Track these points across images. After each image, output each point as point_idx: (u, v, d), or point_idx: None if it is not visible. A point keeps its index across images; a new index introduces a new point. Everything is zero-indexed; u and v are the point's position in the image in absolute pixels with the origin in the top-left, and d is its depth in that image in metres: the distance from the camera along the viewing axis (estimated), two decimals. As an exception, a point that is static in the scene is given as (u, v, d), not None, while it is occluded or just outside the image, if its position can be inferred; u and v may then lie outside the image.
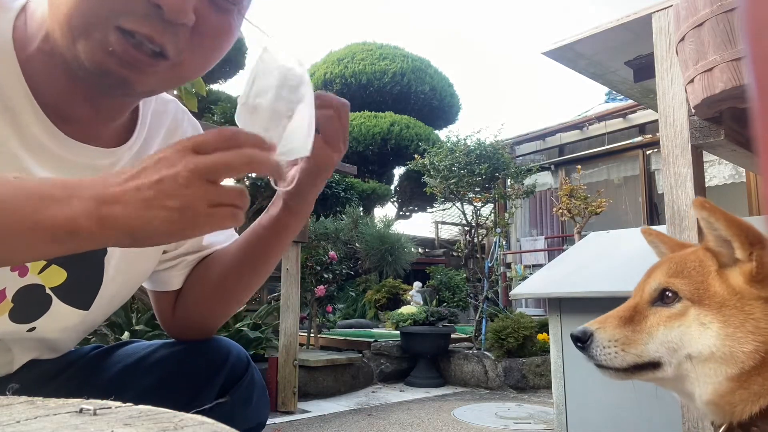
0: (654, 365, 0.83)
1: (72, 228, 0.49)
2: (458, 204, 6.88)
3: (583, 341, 0.87)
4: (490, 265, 6.52)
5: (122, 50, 0.60)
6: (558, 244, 8.46)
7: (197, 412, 0.39)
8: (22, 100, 0.63)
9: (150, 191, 0.51)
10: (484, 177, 6.48)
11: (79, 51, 0.60)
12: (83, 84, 0.65)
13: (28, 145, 0.65)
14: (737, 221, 0.78)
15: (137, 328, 3.01)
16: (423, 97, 11.54)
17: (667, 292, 0.82)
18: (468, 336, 5.99)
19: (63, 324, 0.75)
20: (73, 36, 0.59)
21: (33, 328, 0.72)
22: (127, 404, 0.38)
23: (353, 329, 6.62)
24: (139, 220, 0.51)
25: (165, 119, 0.83)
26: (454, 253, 7.67)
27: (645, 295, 0.86)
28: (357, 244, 6.41)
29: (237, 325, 3.90)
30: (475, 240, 6.89)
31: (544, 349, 5.00)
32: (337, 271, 5.35)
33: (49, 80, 0.65)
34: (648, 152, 8.02)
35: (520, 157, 9.33)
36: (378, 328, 6.93)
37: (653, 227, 0.99)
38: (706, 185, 1.80)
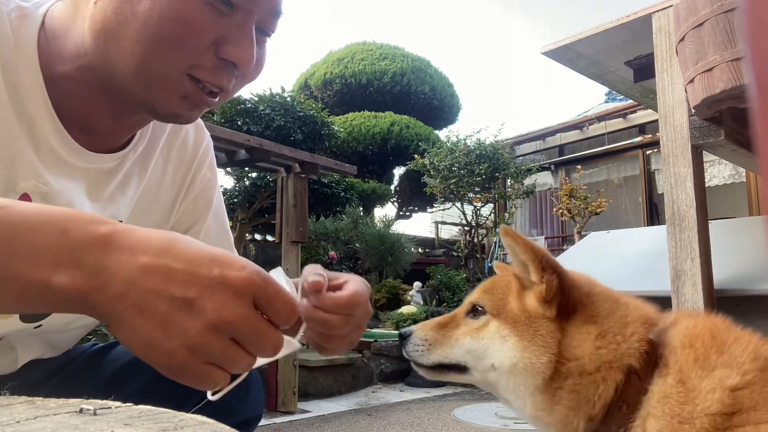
0: (460, 368, 0.93)
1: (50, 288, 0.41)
2: (458, 204, 6.88)
3: (403, 338, 0.98)
4: (490, 265, 6.53)
5: (196, 97, 0.66)
6: (558, 244, 8.46)
7: (197, 411, 0.39)
8: (41, 111, 0.65)
9: (166, 304, 0.41)
10: (484, 177, 6.49)
11: (154, 97, 0.65)
12: (124, 108, 0.69)
13: (42, 153, 0.66)
14: (534, 248, 0.87)
15: (137, 328, 3.00)
16: (423, 97, 11.54)
17: (477, 306, 0.92)
18: (468, 336, 5.99)
19: (66, 319, 0.77)
20: (147, 83, 0.64)
21: (39, 326, 0.74)
22: (127, 404, 0.38)
23: (353, 329, 6.59)
24: (126, 319, 0.41)
25: None
26: (454, 253, 7.68)
27: (463, 307, 0.97)
28: (357, 244, 6.41)
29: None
30: (475, 240, 6.90)
31: (544, 349, 5.00)
32: (337, 271, 5.36)
33: (79, 100, 0.68)
34: (648, 152, 8.02)
35: (520, 157, 9.34)
36: (378, 328, 6.94)
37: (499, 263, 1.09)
38: (706, 185, 1.80)
